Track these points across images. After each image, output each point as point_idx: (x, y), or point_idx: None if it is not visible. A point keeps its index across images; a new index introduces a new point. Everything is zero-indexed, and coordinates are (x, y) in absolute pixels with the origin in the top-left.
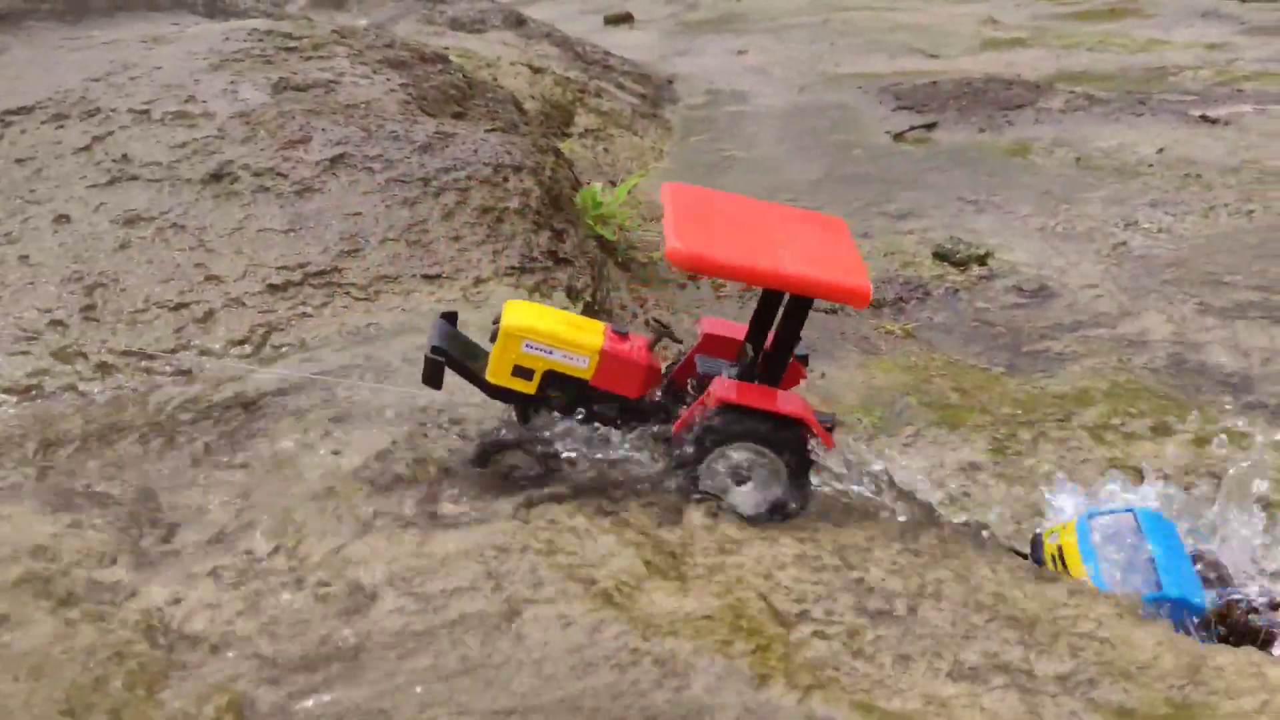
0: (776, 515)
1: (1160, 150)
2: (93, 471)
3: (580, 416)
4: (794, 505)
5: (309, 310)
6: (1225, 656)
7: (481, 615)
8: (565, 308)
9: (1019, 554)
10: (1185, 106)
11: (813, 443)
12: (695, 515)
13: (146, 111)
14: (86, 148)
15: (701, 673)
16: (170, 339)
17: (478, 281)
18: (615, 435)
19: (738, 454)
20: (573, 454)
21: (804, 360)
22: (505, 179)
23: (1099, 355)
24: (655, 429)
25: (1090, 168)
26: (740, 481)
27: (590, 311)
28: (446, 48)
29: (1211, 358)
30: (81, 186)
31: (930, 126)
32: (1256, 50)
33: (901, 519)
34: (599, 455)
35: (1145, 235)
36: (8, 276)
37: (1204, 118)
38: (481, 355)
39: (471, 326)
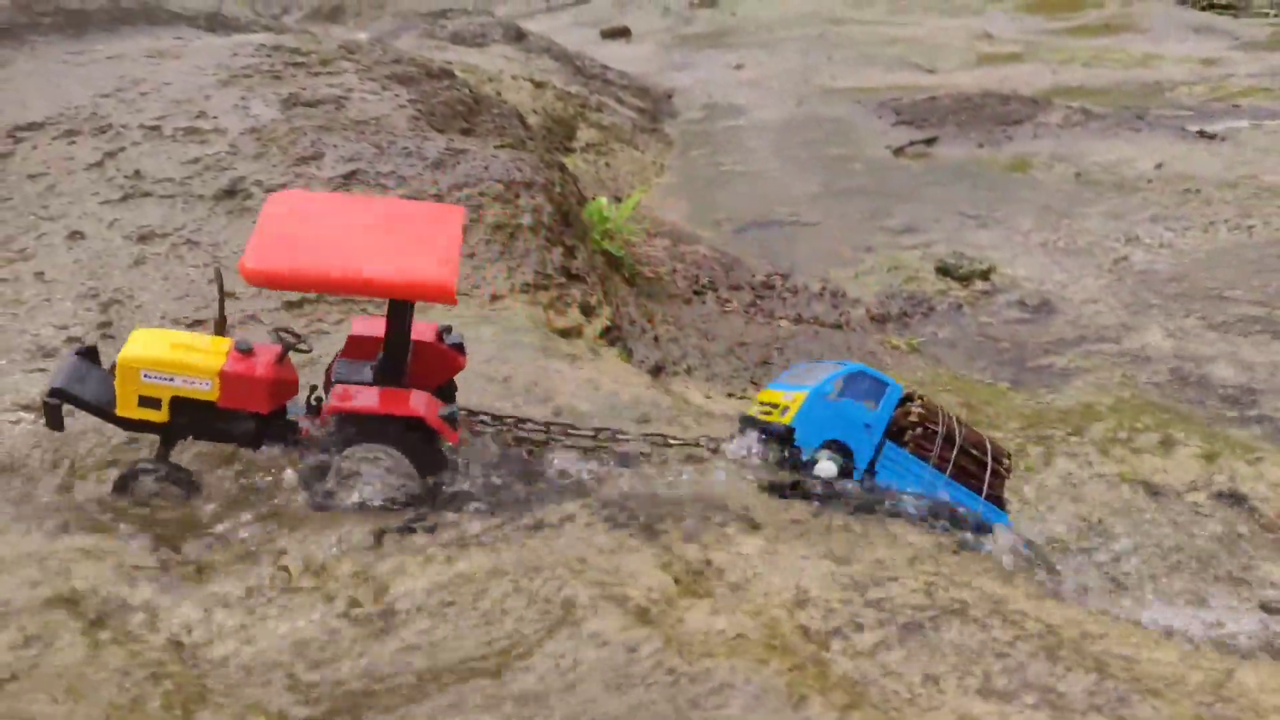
0: (409, 505)
1: (1159, 165)
2: (113, 490)
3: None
4: (423, 495)
5: (325, 326)
6: (1250, 673)
7: (517, 634)
8: (579, 325)
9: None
10: (1182, 121)
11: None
12: (714, 532)
13: (158, 127)
14: (98, 164)
15: (739, 692)
16: None
17: (494, 298)
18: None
19: (360, 456)
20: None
21: (459, 348)
22: (517, 195)
23: (1103, 370)
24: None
25: (1089, 183)
26: (368, 480)
27: (609, 330)
28: (450, 62)
29: (1214, 372)
30: (94, 203)
31: (930, 141)
32: (1250, 65)
33: (924, 537)
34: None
35: (1146, 250)
36: (24, 293)
37: (1201, 133)
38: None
39: (486, 343)
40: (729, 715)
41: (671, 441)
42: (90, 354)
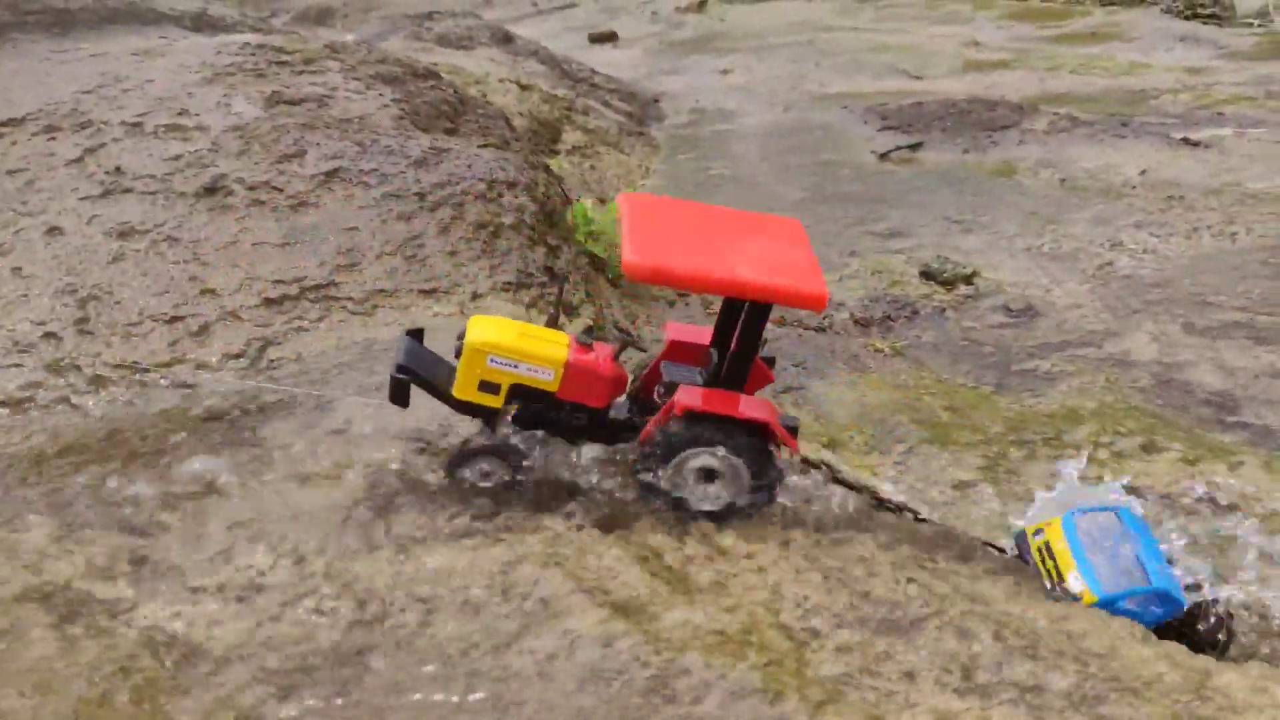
0: (739, 511)
1: (1143, 172)
2: (88, 486)
3: (545, 429)
4: (759, 504)
5: (305, 324)
6: (1228, 675)
7: (491, 628)
8: (564, 326)
9: (996, 549)
10: (1167, 129)
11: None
12: (695, 531)
13: (139, 124)
14: (79, 160)
15: (715, 688)
16: (165, 352)
17: (475, 296)
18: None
19: (702, 459)
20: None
21: (770, 362)
22: (500, 195)
23: (1086, 374)
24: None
25: (1075, 189)
26: (705, 483)
27: (591, 330)
28: (435, 64)
29: (1197, 377)
30: (74, 198)
31: (916, 147)
32: (1234, 75)
33: (903, 534)
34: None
35: (1130, 256)
36: (1, 289)
37: (1185, 140)
38: (448, 371)
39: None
40: (705, 711)
41: None
42: (418, 335)
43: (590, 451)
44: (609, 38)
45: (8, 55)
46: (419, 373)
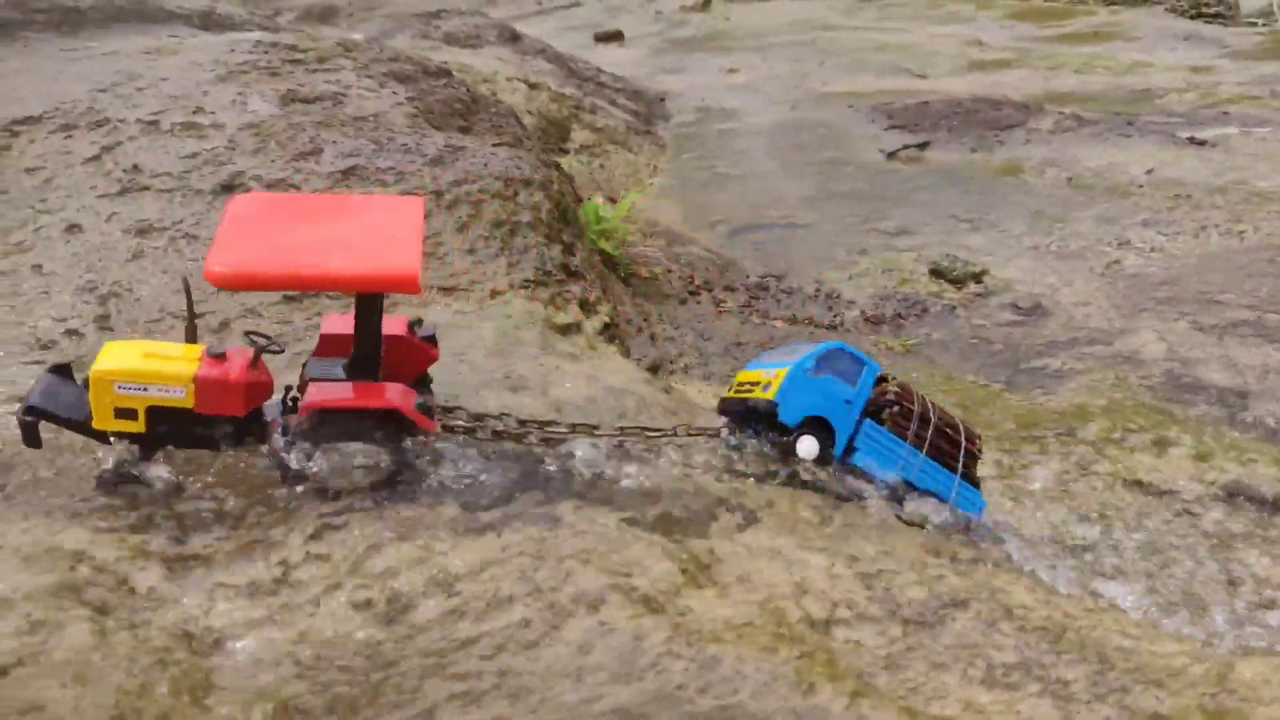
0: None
1: (1150, 171)
2: (119, 480)
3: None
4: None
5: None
6: (1250, 667)
7: (522, 623)
8: (578, 321)
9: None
10: (1172, 128)
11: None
12: (720, 526)
13: (155, 122)
14: (96, 158)
15: (748, 679)
16: None
17: (494, 294)
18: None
19: (342, 451)
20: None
21: (432, 340)
22: (516, 193)
23: (1096, 372)
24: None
25: (1081, 187)
26: (350, 470)
27: (608, 328)
28: (444, 63)
29: (1206, 374)
30: (92, 196)
31: (923, 146)
32: (1238, 74)
33: (923, 530)
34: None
35: (1138, 254)
36: (21, 286)
37: (1191, 139)
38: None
39: (487, 338)
40: (739, 702)
41: (649, 433)
42: (64, 370)
43: (603, 449)
44: (614, 37)
45: (17, 54)
46: (52, 411)
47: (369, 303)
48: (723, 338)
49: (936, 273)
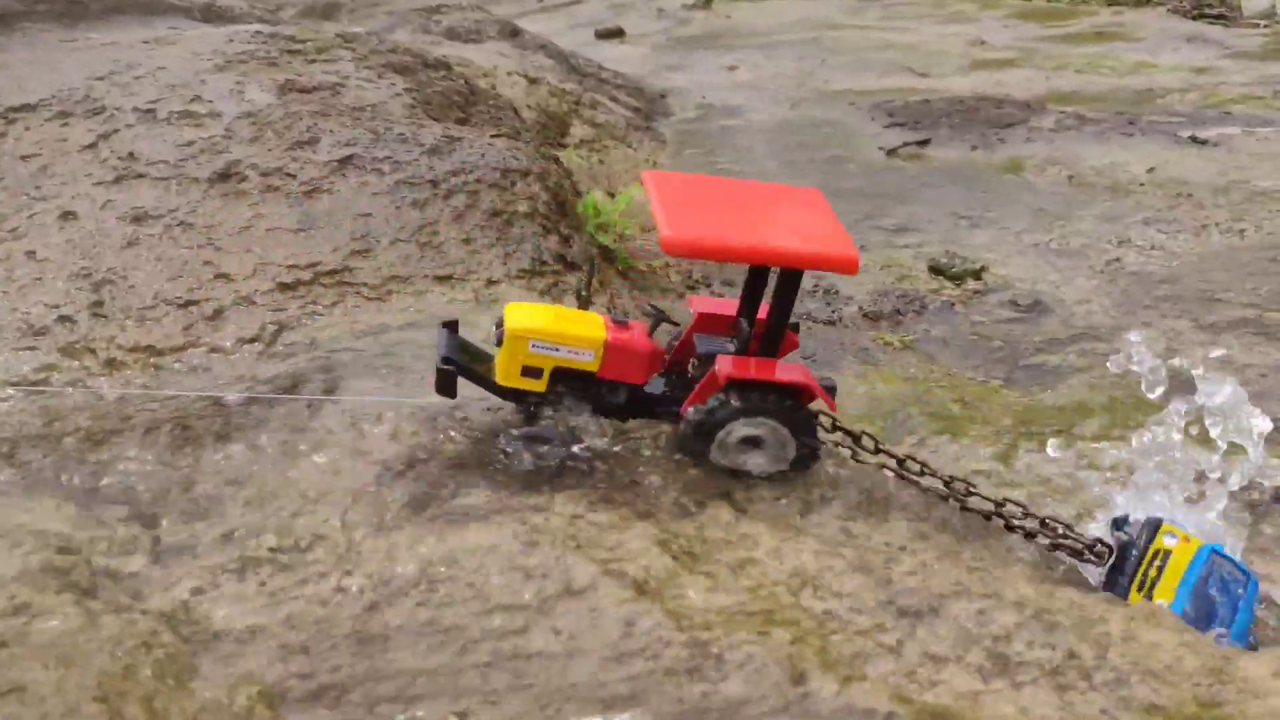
0: (792, 469)
1: (1151, 170)
2: (106, 465)
3: (589, 409)
4: (802, 467)
5: (320, 309)
6: (1249, 660)
7: (512, 608)
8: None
9: (1072, 534)
10: (1174, 128)
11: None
12: (714, 512)
13: (152, 110)
14: (92, 145)
15: (740, 666)
16: (180, 336)
17: (489, 283)
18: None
19: (747, 427)
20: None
21: (795, 329)
22: (513, 183)
23: (1096, 369)
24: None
25: (1083, 186)
26: (751, 450)
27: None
28: (444, 56)
29: (1206, 372)
30: (88, 184)
31: (923, 143)
32: (1241, 74)
33: (923, 517)
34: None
35: (1139, 252)
36: (15, 272)
37: (1193, 139)
38: (485, 359)
39: (484, 328)
40: (731, 687)
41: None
42: (453, 326)
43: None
44: (616, 33)
45: (18, 44)
46: (462, 363)
47: (793, 282)
48: None
49: (936, 269)
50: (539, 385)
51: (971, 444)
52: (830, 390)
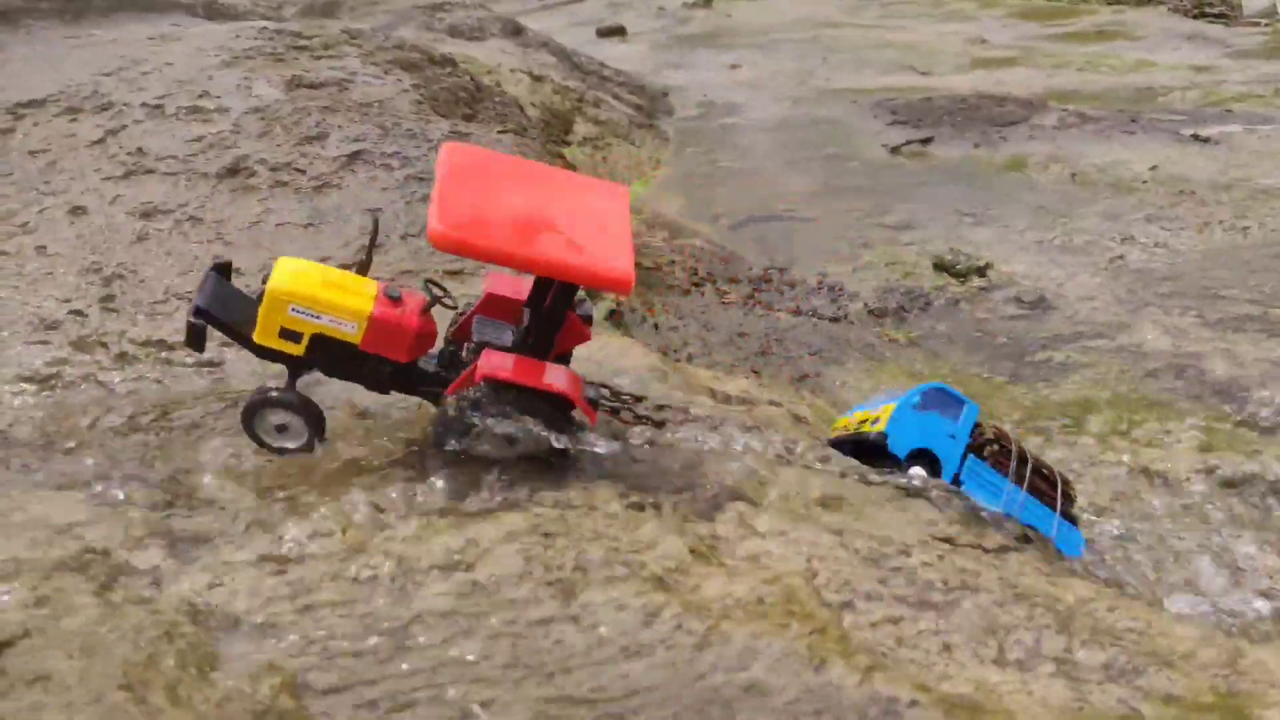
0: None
1: (1153, 167)
2: (121, 458)
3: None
4: (554, 458)
5: None
6: (1261, 651)
7: (533, 600)
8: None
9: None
10: (1176, 125)
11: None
12: (728, 507)
13: (160, 106)
14: (100, 141)
15: (761, 655)
16: None
17: None
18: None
19: (502, 426)
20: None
21: (587, 320)
22: None
23: (1100, 365)
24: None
25: (1085, 183)
26: (504, 444)
27: (612, 314)
28: (448, 53)
29: (1210, 368)
30: (97, 179)
31: (926, 141)
32: (1241, 73)
33: (935, 512)
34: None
35: (1142, 250)
36: (26, 267)
37: (1195, 136)
38: (252, 311)
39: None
40: (752, 677)
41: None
42: (225, 270)
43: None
44: (617, 32)
45: (22, 40)
46: (218, 316)
47: (565, 291)
48: (726, 328)
49: (940, 266)
50: (297, 349)
51: None
52: (593, 404)
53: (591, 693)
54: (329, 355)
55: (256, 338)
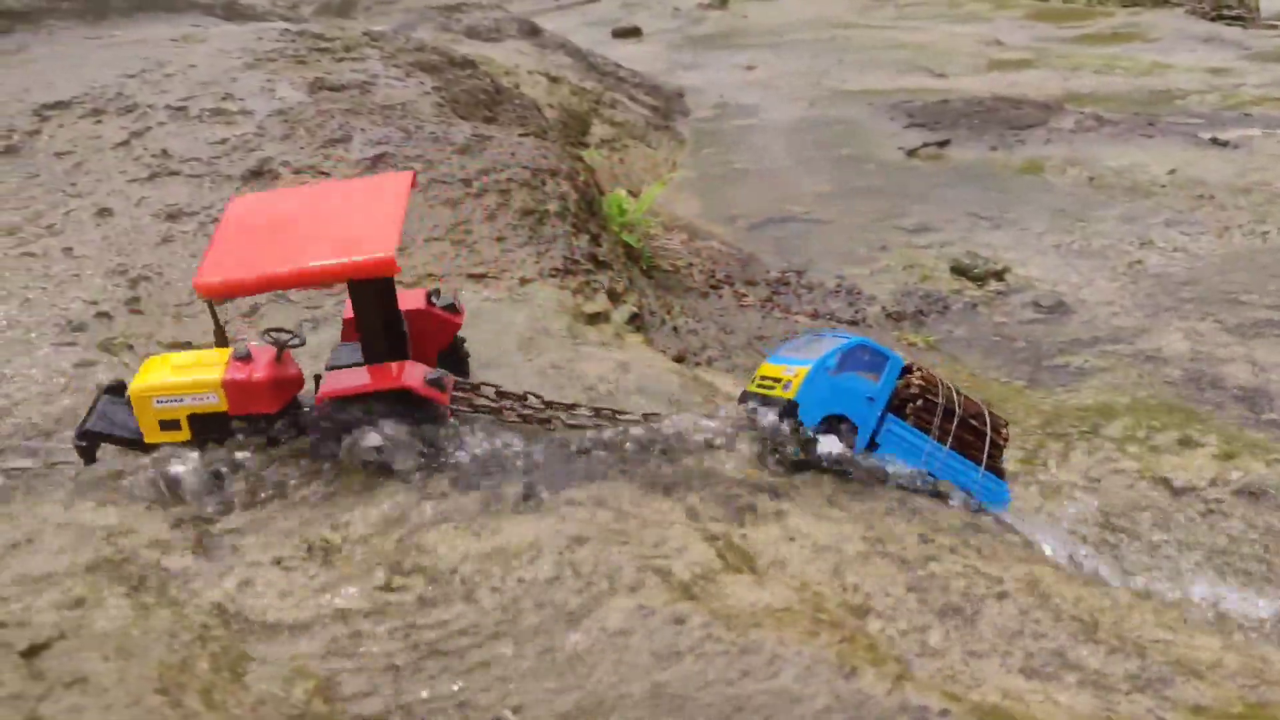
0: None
1: (1172, 171)
2: (150, 460)
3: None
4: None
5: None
6: None
7: (561, 604)
8: (606, 310)
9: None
10: (1194, 129)
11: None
12: (753, 510)
13: (184, 108)
14: (125, 143)
15: (790, 663)
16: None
17: (523, 281)
18: None
19: (368, 436)
20: None
21: (452, 308)
22: (543, 182)
23: (1119, 370)
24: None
25: (1102, 187)
26: (382, 448)
27: (634, 318)
28: (468, 55)
29: (1230, 374)
30: (122, 181)
31: (943, 144)
32: (1259, 75)
33: (960, 519)
34: None
35: (1161, 254)
36: (53, 268)
37: (1213, 140)
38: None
39: (519, 325)
40: (782, 685)
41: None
42: (118, 389)
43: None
44: (633, 33)
45: (44, 41)
46: (104, 432)
47: (361, 289)
48: (745, 331)
49: (958, 270)
50: (183, 435)
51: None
52: (435, 383)
53: (620, 700)
54: (210, 429)
55: (146, 439)
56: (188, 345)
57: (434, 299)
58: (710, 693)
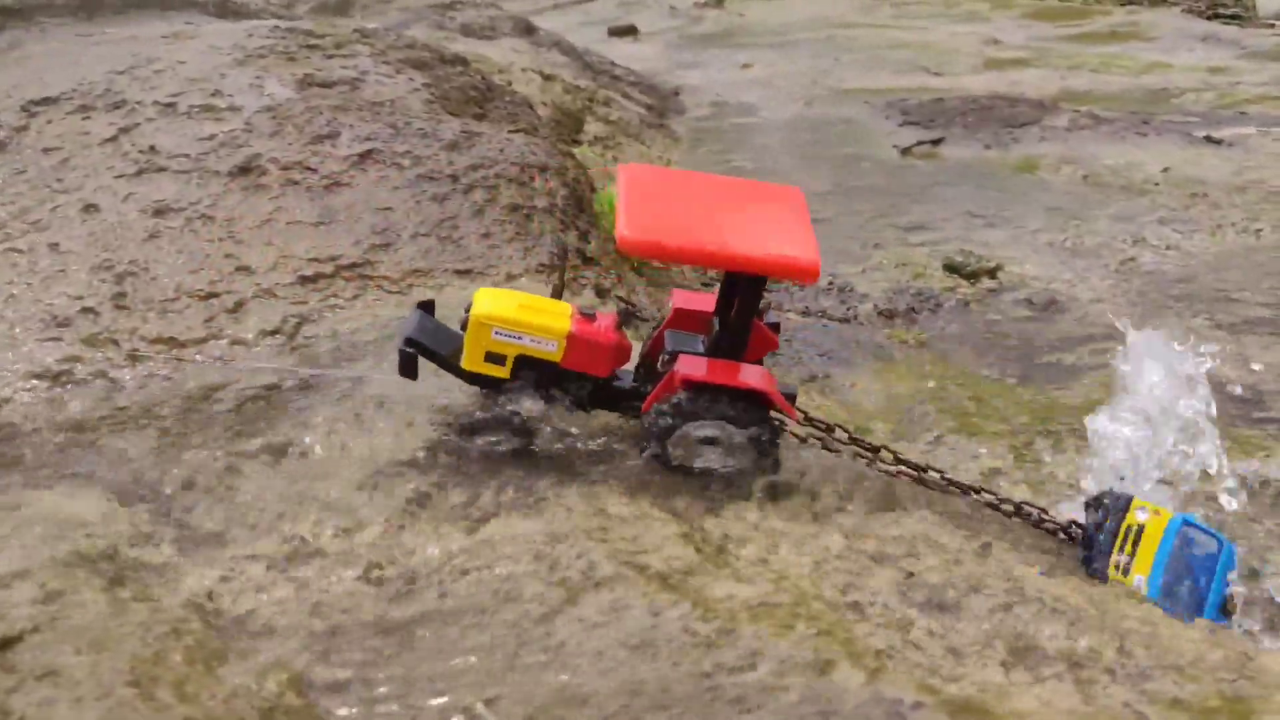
0: (748, 474)
1: (1166, 169)
2: (131, 456)
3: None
4: (766, 470)
5: (341, 302)
6: (1271, 657)
7: (538, 598)
8: (595, 306)
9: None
10: (1189, 127)
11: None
12: (734, 507)
13: (173, 105)
14: (113, 139)
15: (767, 657)
16: (201, 328)
17: (509, 277)
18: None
19: (705, 429)
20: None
21: (775, 328)
22: (532, 178)
23: (1110, 368)
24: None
25: (1097, 185)
26: (709, 450)
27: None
28: (460, 52)
29: (1222, 372)
30: (109, 176)
31: (938, 142)
32: (1257, 74)
33: (942, 513)
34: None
35: (1154, 252)
36: (38, 264)
37: (1209, 138)
38: (456, 342)
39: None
40: (758, 678)
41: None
42: (429, 307)
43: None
44: (629, 31)
45: (36, 38)
46: (426, 345)
47: (750, 286)
48: None
49: (951, 268)
50: (502, 372)
51: (988, 441)
52: (790, 397)
53: (596, 692)
54: (531, 375)
55: (464, 364)
56: (172, 340)
57: (764, 314)
58: (686, 685)
